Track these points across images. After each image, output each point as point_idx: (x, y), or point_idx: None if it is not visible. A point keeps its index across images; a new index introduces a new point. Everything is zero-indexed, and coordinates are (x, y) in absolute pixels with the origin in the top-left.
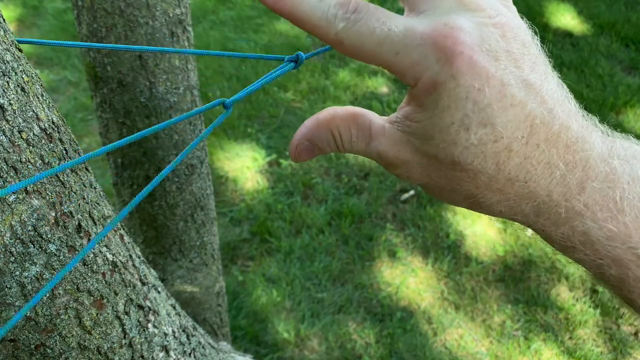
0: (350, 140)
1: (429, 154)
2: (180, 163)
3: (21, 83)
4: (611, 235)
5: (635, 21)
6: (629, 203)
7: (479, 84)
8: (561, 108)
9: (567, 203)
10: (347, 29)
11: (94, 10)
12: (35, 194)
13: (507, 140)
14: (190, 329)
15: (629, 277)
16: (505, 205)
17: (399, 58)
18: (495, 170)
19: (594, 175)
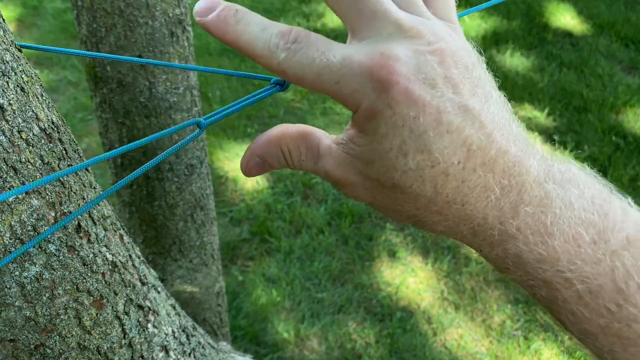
0: (300, 158)
1: (371, 176)
2: (180, 163)
3: (21, 83)
4: (541, 259)
5: (635, 21)
6: (558, 228)
7: (415, 113)
8: (500, 132)
9: (501, 226)
10: (288, 59)
11: (94, 10)
12: (34, 194)
13: (444, 165)
14: (190, 329)
15: (557, 299)
16: (444, 226)
17: (339, 87)
18: (434, 193)
19: (528, 200)
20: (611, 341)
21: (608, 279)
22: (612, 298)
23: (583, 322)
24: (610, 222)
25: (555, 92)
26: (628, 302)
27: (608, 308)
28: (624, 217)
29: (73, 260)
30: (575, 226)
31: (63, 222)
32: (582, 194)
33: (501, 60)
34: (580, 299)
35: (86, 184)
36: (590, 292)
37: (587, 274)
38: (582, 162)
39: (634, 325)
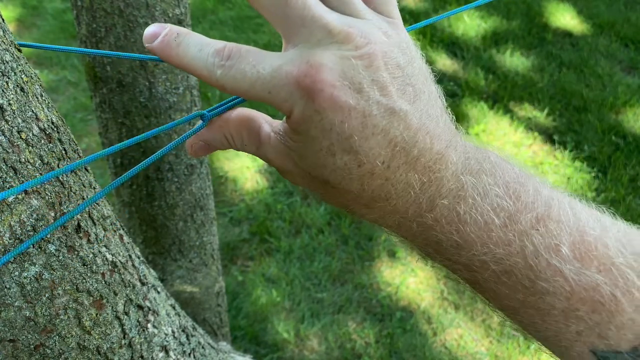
0: (242, 143)
1: (304, 169)
2: (179, 163)
3: (20, 83)
4: (457, 245)
5: (634, 21)
6: (471, 216)
7: (341, 118)
8: (425, 131)
9: (420, 219)
10: (224, 76)
11: (93, 11)
12: (34, 194)
13: (369, 166)
14: (189, 329)
15: (478, 280)
16: (372, 217)
17: (271, 96)
18: (360, 190)
19: (445, 193)
20: (530, 314)
21: (520, 257)
22: (525, 275)
23: (504, 299)
24: (521, 204)
25: (555, 92)
26: (539, 278)
27: (523, 284)
28: (535, 197)
29: (73, 261)
30: (487, 213)
31: (61, 221)
32: (496, 181)
33: (501, 60)
34: (498, 279)
35: (86, 184)
36: (506, 272)
37: (500, 255)
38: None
39: (546, 298)
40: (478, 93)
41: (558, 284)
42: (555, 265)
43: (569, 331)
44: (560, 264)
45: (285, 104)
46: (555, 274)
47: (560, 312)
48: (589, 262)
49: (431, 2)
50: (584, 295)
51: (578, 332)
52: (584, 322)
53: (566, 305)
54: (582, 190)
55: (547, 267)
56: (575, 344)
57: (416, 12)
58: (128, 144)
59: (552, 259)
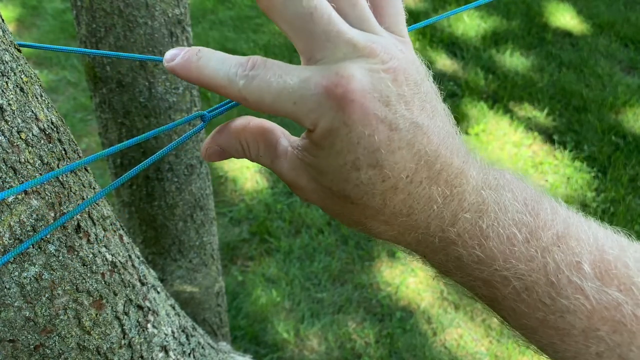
0: (257, 154)
1: (324, 185)
2: (179, 163)
3: (20, 83)
4: (479, 260)
5: (634, 21)
6: (494, 230)
7: (370, 131)
8: (445, 146)
9: (442, 234)
10: (247, 85)
11: (93, 11)
12: (34, 195)
13: (393, 180)
14: (189, 329)
15: (497, 297)
16: (390, 235)
17: (297, 107)
18: (382, 205)
19: (467, 207)
20: (550, 334)
21: (541, 274)
22: (546, 292)
23: (522, 317)
24: (541, 221)
25: (555, 92)
26: (560, 295)
27: (543, 302)
28: (554, 216)
29: (72, 261)
30: (510, 227)
31: (61, 221)
32: (515, 197)
33: (501, 60)
34: (519, 296)
35: (85, 184)
36: (527, 289)
37: (522, 271)
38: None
39: (567, 316)
40: (478, 93)
41: (579, 302)
42: (576, 282)
43: (589, 352)
44: (582, 281)
45: (311, 116)
46: (576, 292)
47: (580, 332)
48: (609, 281)
49: (431, 2)
50: (605, 314)
51: (598, 354)
52: (604, 342)
53: (587, 325)
54: (582, 190)
55: (568, 284)
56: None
57: (416, 12)
58: (128, 144)
59: (573, 276)
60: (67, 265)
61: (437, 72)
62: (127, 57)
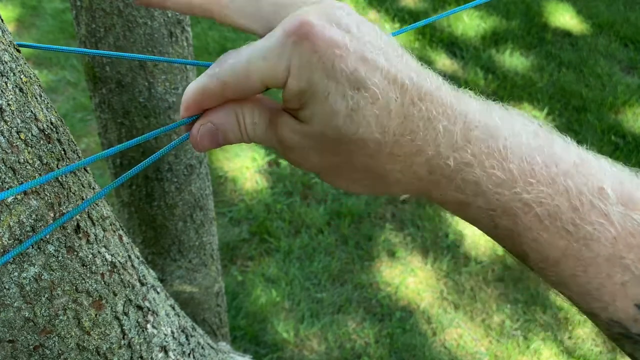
0: (253, 121)
1: (317, 132)
2: (179, 163)
3: (19, 83)
4: (499, 182)
5: (634, 21)
6: (512, 151)
7: (339, 52)
8: (426, 77)
9: (456, 154)
10: (221, 69)
11: (93, 11)
12: (33, 195)
13: (383, 101)
14: (189, 329)
15: (518, 226)
16: (398, 172)
17: (267, 61)
18: (381, 133)
19: (476, 127)
20: (572, 265)
21: (564, 198)
22: (569, 218)
23: (545, 249)
24: (556, 150)
25: (555, 92)
26: (584, 221)
27: (566, 229)
28: (567, 147)
29: (72, 261)
30: (527, 150)
31: (60, 221)
32: (525, 125)
33: (500, 60)
34: (541, 223)
35: (85, 185)
36: (549, 215)
37: (544, 194)
38: None
39: (591, 244)
40: (478, 93)
41: (603, 228)
42: (600, 207)
43: (613, 282)
44: (606, 205)
45: (282, 63)
46: (600, 217)
47: (604, 261)
48: (633, 206)
49: (431, 2)
50: (630, 240)
51: (623, 283)
52: (629, 271)
53: (611, 252)
54: None
55: (592, 209)
56: (618, 297)
57: (416, 12)
58: (128, 145)
59: (597, 201)
60: (67, 266)
61: (436, 72)
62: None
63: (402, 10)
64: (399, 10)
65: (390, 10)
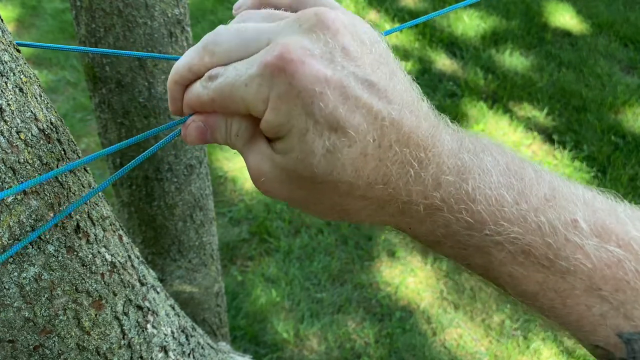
0: (236, 133)
1: (289, 167)
2: (179, 164)
3: (19, 83)
4: (468, 225)
5: (634, 21)
6: (480, 192)
7: (320, 88)
8: (409, 109)
9: (426, 200)
10: (212, 85)
11: (93, 11)
12: (33, 195)
13: (360, 145)
14: (189, 329)
15: (492, 264)
16: (369, 211)
17: (248, 89)
18: (355, 177)
19: (447, 170)
20: (550, 297)
21: (536, 235)
22: (544, 254)
23: (521, 283)
24: (527, 183)
25: (555, 92)
26: (558, 256)
27: (542, 264)
28: (539, 179)
29: (72, 261)
30: (496, 189)
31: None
32: (496, 161)
33: (500, 60)
34: (515, 260)
35: (85, 185)
36: (523, 252)
37: (515, 233)
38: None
39: (567, 277)
40: (477, 93)
41: (579, 262)
42: (574, 241)
43: (592, 314)
44: (580, 239)
45: (261, 93)
46: (575, 251)
47: (582, 293)
48: (607, 237)
49: (431, 2)
50: (606, 272)
51: (602, 315)
52: (607, 302)
53: (588, 285)
54: None
55: (566, 243)
56: (599, 327)
57: (416, 12)
58: (127, 144)
59: (571, 235)
60: (67, 266)
61: (436, 72)
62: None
63: (402, 10)
64: (399, 10)
65: (390, 10)
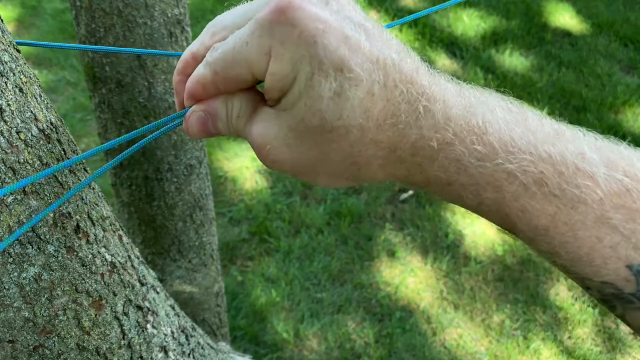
0: (238, 114)
1: (297, 120)
2: (179, 164)
3: (19, 84)
4: (480, 157)
5: (633, 21)
6: (490, 125)
7: (322, 26)
8: (407, 55)
9: (438, 134)
10: (213, 58)
11: (92, 11)
12: (33, 195)
13: (367, 84)
14: (189, 329)
15: (504, 198)
16: (381, 158)
17: (250, 46)
18: (365, 118)
19: (454, 105)
20: (562, 231)
21: (548, 163)
22: (556, 183)
23: (533, 217)
24: (531, 122)
25: (554, 92)
26: (570, 184)
27: (554, 194)
28: (541, 119)
29: (72, 261)
30: (504, 123)
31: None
32: (498, 101)
33: (500, 60)
34: (527, 191)
35: None
36: (535, 182)
37: (526, 162)
38: None
39: (579, 207)
40: None
41: (590, 190)
42: (585, 169)
43: (603, 246)
44: (591, 167)
45: (263, 45)
46: (585, 179)
47: (593, 224)
48: (615, 168)
49: (430, 2)
50: (616, 201)
51: (612, 247)
52: (618, 233)
53: (599, 215)
54: None
55: (577, 172)
56: (609, 260)
57: (415, 12)
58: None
59: (581, 164)
60: (67, 266)
61: None
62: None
63: (402, 10)
64: (398, 10)
65: (390, 10)
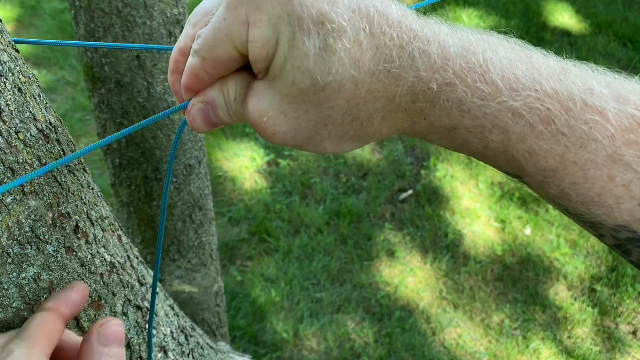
0: (235, 97)
1: (289, 85)
2: (178, 164)
3: (18, 84)
4: (483, 96)
5: (633, 20)
6: (492, 63)
7: None
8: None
9: (437, 75)
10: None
11: (92, 11)
12: (32, 195)
13: (352, 34)
14: (188, 329)
15: (510, 140)
16: (382, 111)
17: (228, 21)
18: (356, 69)
19: (451, 45)
20: (572, 172)
21: (555, 100)
22: (564, 120)
23: (541, 159)
24: (535, 59)
25: None
26: (579, 120)
27: (562, 132)
28: (546, 56)
29: (71, 262)
30: (507, 61)
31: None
32: (501, 41)
33: None
34: (534, 131)
35: (84, 185)
36: (542, 120)
37: (532, 99)
38: None
39: (589, 144)
40: None
41: (600, 126)
42: (594, 104)
43: (615, 185)
44: (600, 102)
45: (239, 17)
46: (595, 114)
47: (604, 162)
48: (625, 102)
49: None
50: (628, 137)
51: (625, 185)
52: (631, 170)
53: (610, 152)
54: None
55: (585, 107)
56: (622, 200)
57: None
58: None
59: (589, 99)
60: (66, 266)
61: None
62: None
63: None
64: None
65: None
